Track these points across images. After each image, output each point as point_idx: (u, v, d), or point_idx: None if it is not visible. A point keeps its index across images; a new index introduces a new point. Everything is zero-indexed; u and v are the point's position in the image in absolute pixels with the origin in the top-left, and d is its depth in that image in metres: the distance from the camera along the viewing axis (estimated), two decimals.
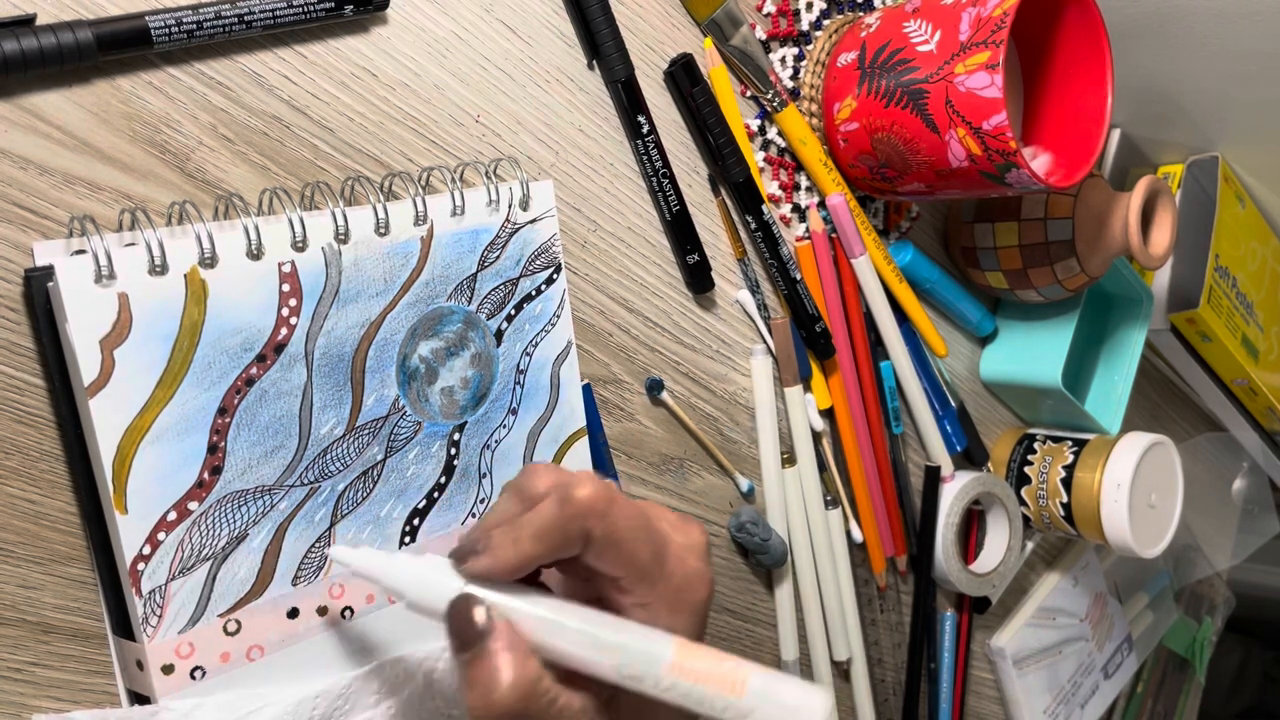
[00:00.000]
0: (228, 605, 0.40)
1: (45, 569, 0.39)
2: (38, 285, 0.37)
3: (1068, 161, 0.60)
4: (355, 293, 0.43)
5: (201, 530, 0.39)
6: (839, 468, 0.65)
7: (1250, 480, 1.06)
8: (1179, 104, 0.78)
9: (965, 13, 0.55)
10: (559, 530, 0.37)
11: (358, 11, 0.44)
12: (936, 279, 0.69)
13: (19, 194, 0.37)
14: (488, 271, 0.47)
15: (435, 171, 0.47)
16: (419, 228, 0.44)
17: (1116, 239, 0.67)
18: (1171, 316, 0.80)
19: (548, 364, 0.50)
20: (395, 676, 0.45)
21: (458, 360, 0.46)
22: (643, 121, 0.54)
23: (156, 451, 0.38)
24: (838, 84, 0.60)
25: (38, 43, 0.36)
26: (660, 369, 0.57)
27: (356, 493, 0.44)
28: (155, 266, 0.37)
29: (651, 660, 0.38)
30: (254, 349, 0.40)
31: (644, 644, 0.38)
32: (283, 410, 0.41)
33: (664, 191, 0.55)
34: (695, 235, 0.56)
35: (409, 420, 0.45)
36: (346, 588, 0.44)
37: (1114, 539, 0.72)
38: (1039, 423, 0.80)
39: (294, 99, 0.44)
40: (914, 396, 0.68)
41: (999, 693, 0.81)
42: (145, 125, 0.40)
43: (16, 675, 0.38)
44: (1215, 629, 1.13)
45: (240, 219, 0.40)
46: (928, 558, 0.71)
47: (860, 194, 0.65)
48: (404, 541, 0.45)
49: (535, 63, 0.51)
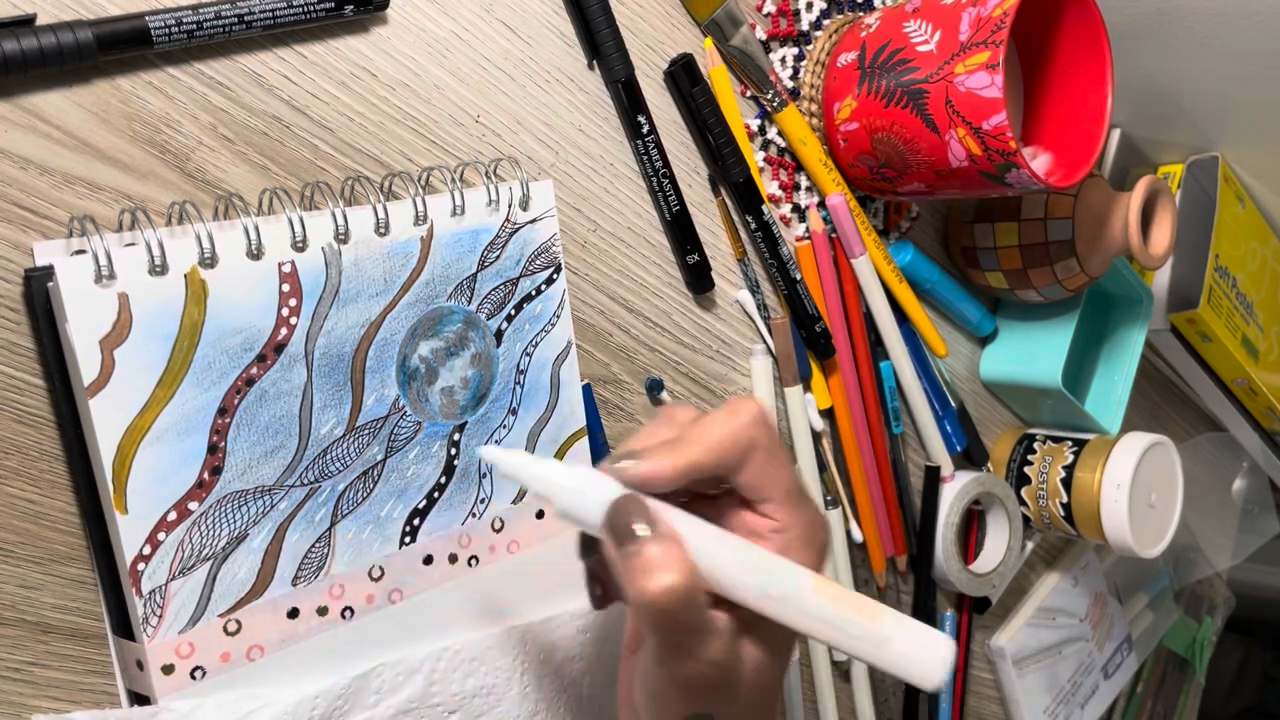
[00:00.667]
0: (228, 605, 0.40)
1: (45, 569, 0.39)
2: (38, 285, 0.37)
3: (1068, 161, 0.60)
4: (355, 293, 0.43)
5: (202, 530, 0.39)
6: (839, 468, 0.65)
7: (1250, 480, 1.06)
8: (1179, 104, 0.78)
9: (965, 13, 0.55)
10: (730, 438, 0.38)
11: (358, 11, 0.44)
12: (936, 279, 0.69)
13: (19, 194, 0.37)
14: (488, 271, 0.47)
15: (435, 171, 0.47)
16: (419, 228, 0.44)
17: (1116, 239, 0.67)
18: (1171, 316, 0.80)
19: (548, 364, 0.50)
20: (396, 677, 0.45)
21: (458, 360, 0.46)
22: (643, 121, 0.54)
23: (157, 452, 0.38)
24: (838, 84, 0.60)
25: (38, 43, 0.36)
26: (660, 369, 0.57)
27: (357, 493, 0.44)
28: (155, 266, 0.37)
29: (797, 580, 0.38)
30: (254, 349, 0.40)
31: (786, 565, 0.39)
32: (283, 410, 0.41)
33: (664, 191, 0.55)
34: (695, 235, 0.56)
35: (409, 420, 0.45)
36: (346, 588, 0.44)
37: (1114, 539, 0.72)
38: (1039, 423, 0.80)
39: (294, 99, 0.44)
40: (914, 396, 0.68)
41: (999, 693, 0.81)
42: (145, 125, 0.40)
43: (16, 675, 0.38)
44: (1215, 629, 1.13)
45: (240, 219, 0.40)
46: (928, 558, 0.71)
47: (860, 194, 0.65)
48: (404, 542, 0.45)
49: (535, 63, 0.51)
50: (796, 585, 0.38)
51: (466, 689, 0.47)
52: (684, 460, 0.38)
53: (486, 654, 0.47)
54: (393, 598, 0.45)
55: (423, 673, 0.45)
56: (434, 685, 0.46)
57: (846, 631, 0.38)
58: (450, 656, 0.46)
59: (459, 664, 0.46)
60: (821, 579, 0.39)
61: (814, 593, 0.38)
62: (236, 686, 0.40)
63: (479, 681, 0.47)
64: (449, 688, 0.46)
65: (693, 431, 0.38)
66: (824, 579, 0.39)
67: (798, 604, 0.38)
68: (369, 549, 0.44)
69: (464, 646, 0.47)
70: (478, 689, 0.47)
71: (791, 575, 0.39)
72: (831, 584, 0.39)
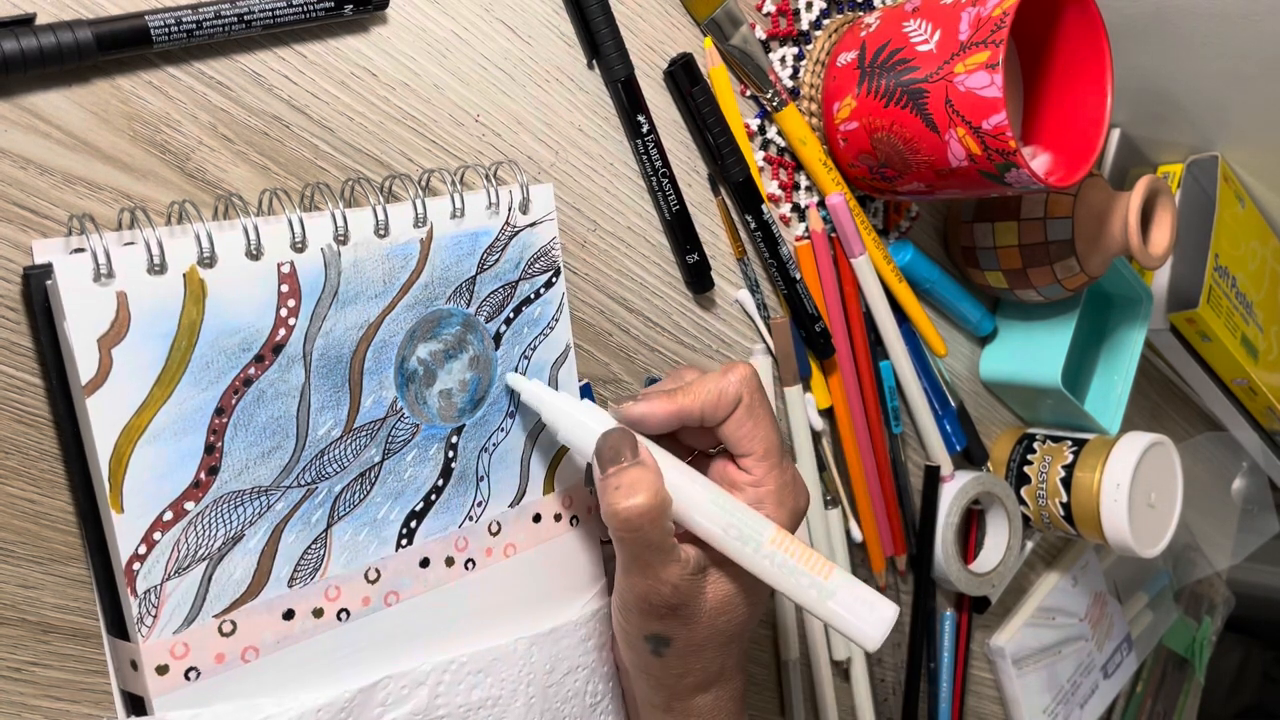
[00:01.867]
0: (223, 606, 0.40)
1: (45, 569, 0.39)
2: (36, 283, 0.37)
3: (1067, 161, 0.60)
4: (354, 294, 0.43)
5: (198, 530, 0.39)
6: (839, 467, 0.65)
7: (1250, 480, 1.06)
8: (1179, 104, 0.78)
9: (965, 12, 0.55)
10: (718, 391, 0.45)
11: (357, 11, 0.44)
12: (936, 278, 0.69)
13: (19, 194, 0.37)
14: (487, 274, 0.47)
15: (435, 173, 0.47)
16: (419, 230, 0.44)
17: (1116, 239, 0.67)
18: (1171, 316, 0.80)
19: (546, 367, 0.50)
20: (401, 689, 0.45)
21: (456, 363, 0.46)
22: (642, 121, 0.54)
23: (153, 451, 0.38)
24: (837, 83, 0.60)
25: (37, 42, 0.36)
26: (660, 369, 0.57)
27: (354, 494, 0.44)
28: (154, 265, 0.37)
29: (759, 528, 0.44)
30: (252, 349, 0.40)
31: (753, 514, 0.44)
32: (280, 411, 0.41)
33: (664, 191, 0.55)
34: (695, 235, 0.56)
35: (407, 422, 0.45)
36: (343, 590, 0.44)
37: (1113, 539, 0.72)
38: (1039, 422, 0.80)
39: (294, 98, 0.44)
40: (914, 396, 0.68)
41: (998, 692, 0.81)
42: (145, 125, 0.40)
43: (16, 675, 0.38)
44: (1215, 629, 1.13)
45: (240, 219, 0.40)
46: (927, 557, 0.71)
47: (860, 193, 0.65)
48: (401, 544, 0.45)
49: (535, 62, 0.51)
50: (757, 531, 0.43)
51: (472, 701, 0.47)
52: (675, 405, 0.45)
53: (492, 666, 0.47)
54: (389, 600, 0.45)
55: (428, 685, 0.45)
56: (439, 698, 0.46)
57: (796, 580, 0.43)
58: (455, 669, 0.46)
59: (464, 676, 0.46)
60: (783, 532, 0.44)
61: (771, 542, 0.43)
62: (232, 686, 0.40)
63: (484, 693, 0.47)
64: (454, 699, 0.46)
65: (689, 385, 0.45)
66: (785, 533, 0.44)
67: (755, 547, 0.43)
68: (365, 551, 0.44)
69: (469, 658, 0.47)
70: (483, 700, 0.47)
71: (755, 523, 0.44)
72: (791, 538, 0.44)
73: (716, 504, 0.44)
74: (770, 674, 0.64)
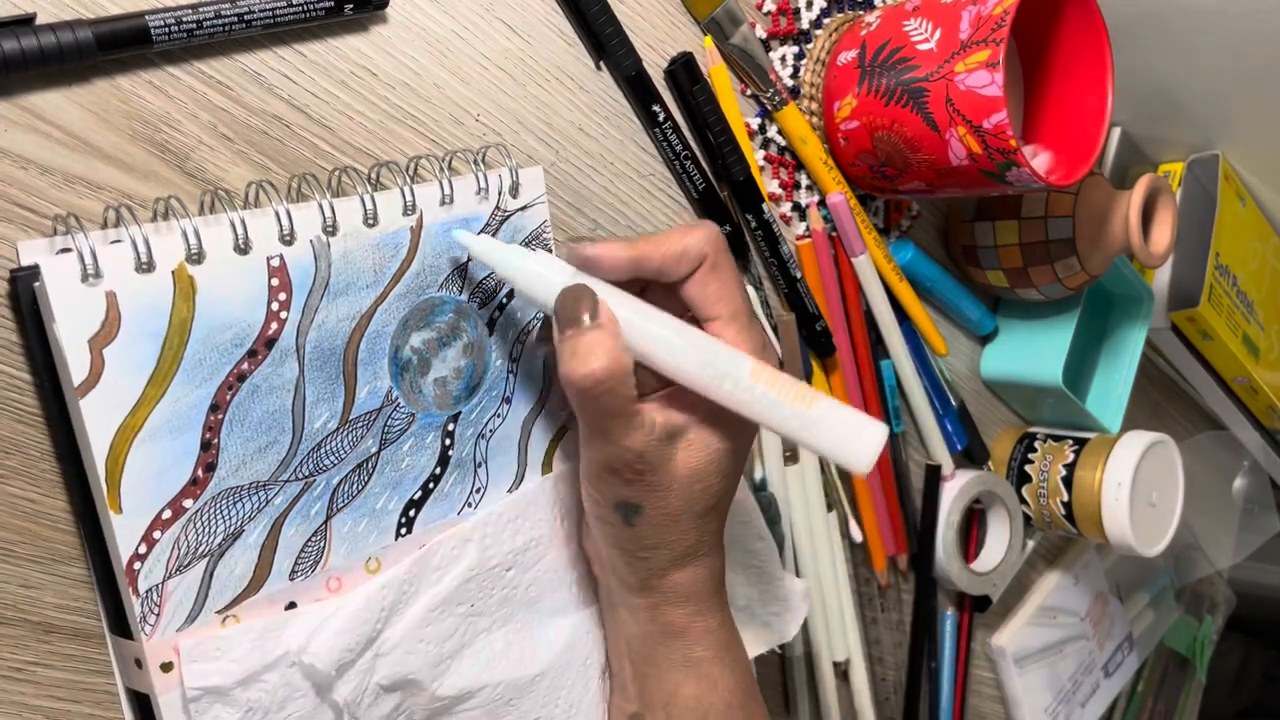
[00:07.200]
0: (225, 601, 0.40)
1: (46, 568, 0.39)
2: (24, 285, 0.36)
3: (1068, 160, 0.60)
4: (345, 285, 0.43)
5: (197, 527, 0.39)
6: (839, 467, 0.65)
7: (1251, 479, 1.06)
8: (1179, 102, 0.78)
9: (965, 11, 0.55)
10: (680, 244, 0.42)
11: (357, 10, 0.44)
12: (937, 277, 0.69)
13: (19, 193, 0.37)
14: (479, 260, 0.47)
15: (423, 160, 0.47)
16: (408, 218, 0.44)
17: (1117, 237, 0.67)
18: (1172, 315, 0.80)
19: (541, 354, 0.50)
20: (452, 550, 0.46)
21: (450, 350, 0.46)
22: (658, 110, 0.54)
23: (150, 450, 0.38)
24: (838, 82, 0.60)
25: (37, 42, 0.36)
26: None
27: (352, 486, 0.44)
28: (142, 264, 0.37)
29: (736, 362, 0.41)
30: (245, 344, 0.40)
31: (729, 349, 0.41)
32: (275, 405, 0.41)
33: (688, 174, 0.56)
34: (724, 209, 0.57)
35: (403, 412, 0.45)
36: (344, 580, 0.44)
37: (1115, 538, 0.72)
38: (1040, 421, 0.80)
39: (294, 98, 0.44)
40: (914, 395, 0.68)
41: (1000, 692, 0.81)
42: (145, 124, 0.40)
43: (18, 675, 0.38)
44: (1216, 628, 1.13)
45: (226, 213, 0.39)
46: (928, 557, 0.71)
47: (860, 192, 0.65)
48: (400, 533, 0.45)
49: (535, 61, 0.51)
50: (735, 366, 0.41)
51: (517, 544, 0.48)
52: (634, 250, 0.42)
53: (527, 510, 0.49)
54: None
55: (475, 540, 0.47)
56: (488, 550, 0.47)
57: (780, 412, 0.41)
58: (495, 519, 0.48)
59: (505, 524, 0.48)
60: (762, 364, 0.41)
61: (751, 375, 0.41)
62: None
63: (526, 536, 0.49)
64: (501, 547, 0.48)
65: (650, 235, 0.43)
66: (765, 365, 0.41)
67: (734, 383, 0.41)
68: (365, 541, 0.44)
69: (504, 508, 0.48)
70: (526, 543, 0.49)
71: (732, 358, 0.41)
72: (772, 370, 0.41)
73: (690, 342, 0.41)
74: (774, 671, 0.64)
